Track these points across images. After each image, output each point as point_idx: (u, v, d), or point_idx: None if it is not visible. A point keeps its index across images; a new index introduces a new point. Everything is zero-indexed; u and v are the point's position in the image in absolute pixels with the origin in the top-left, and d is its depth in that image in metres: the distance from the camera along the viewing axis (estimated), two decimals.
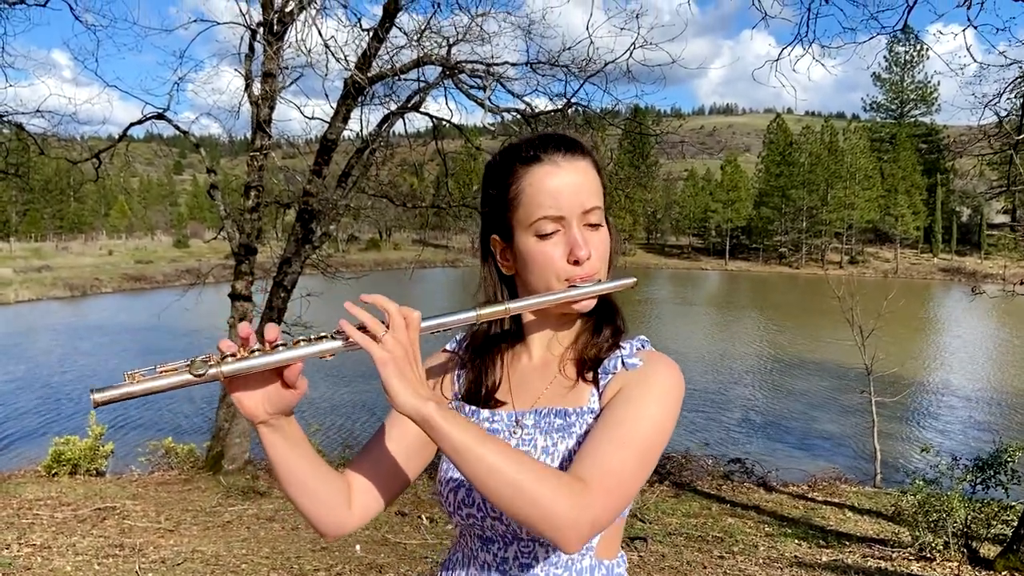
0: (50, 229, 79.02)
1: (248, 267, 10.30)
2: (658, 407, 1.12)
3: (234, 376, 1.01)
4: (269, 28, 9.66)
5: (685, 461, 11.02)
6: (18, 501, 7.24)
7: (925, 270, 70.57)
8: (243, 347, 1.02)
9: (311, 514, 1.17)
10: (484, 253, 1.28)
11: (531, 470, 0.99)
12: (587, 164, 1.20)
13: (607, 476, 1.03)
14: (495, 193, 1.22)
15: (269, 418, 1.07)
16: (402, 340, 1.02)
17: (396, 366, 1.00)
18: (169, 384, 0.97)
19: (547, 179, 1.16)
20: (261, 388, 1.06)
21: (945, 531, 6.37)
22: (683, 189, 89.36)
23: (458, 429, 0.99)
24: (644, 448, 1.08)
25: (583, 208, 1.17)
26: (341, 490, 1.19)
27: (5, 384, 19.52)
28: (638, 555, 6.10)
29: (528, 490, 0.97)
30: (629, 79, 9.83)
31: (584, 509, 0.99)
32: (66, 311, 37.87)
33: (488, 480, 0.98)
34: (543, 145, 1.19)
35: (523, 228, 1.18)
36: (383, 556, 5.72)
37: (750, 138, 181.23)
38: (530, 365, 1.28)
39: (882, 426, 12.16)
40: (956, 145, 76.40)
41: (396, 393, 1.00)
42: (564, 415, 1.19)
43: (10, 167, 11.92)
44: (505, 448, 1.01)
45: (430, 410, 0.99)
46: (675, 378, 1.16)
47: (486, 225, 1.26)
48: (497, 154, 1.26)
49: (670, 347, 26.43)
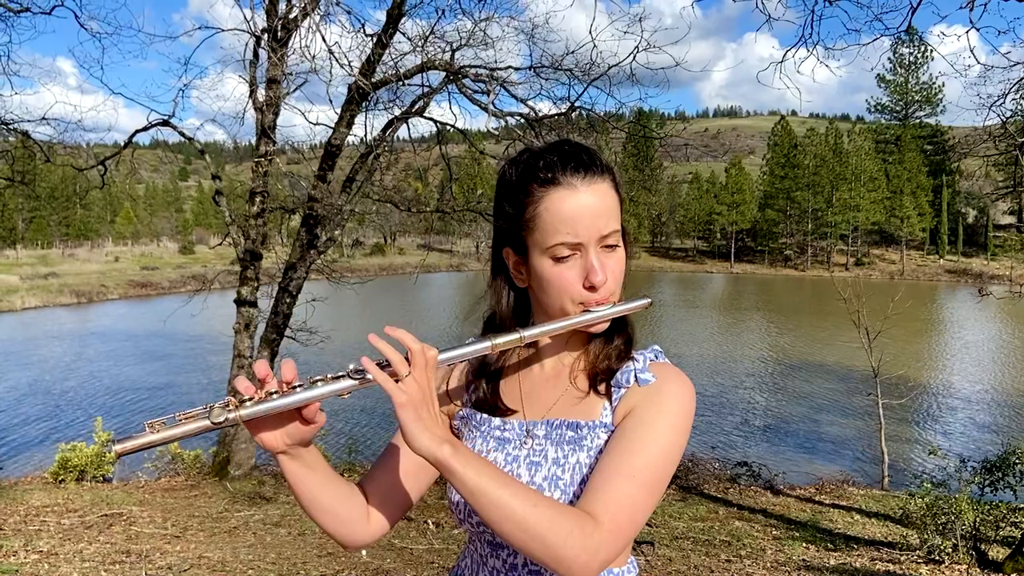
0: (56, 236, 79.26)
1: (253, 273, 10.32)
2: (670, 433, 1.12)
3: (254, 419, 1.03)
4: (273, 34, 9.69)
5: (692, 465, 11.00)
6: (25, 508, 7.25)
7: (931, 272, 70.34)
8: (261, 388, 1.03)
9: (333, 532, 1.19)
10: (496, 265, 1.26)
11: (545, 515, 1.00)
12: (606, 185, 1.17)
13: (619, 513, 1.04)
14: (511, 211, 1.19)
15: (288, 449, 1.09)
16: (420, 381, 1.03)
17: (414, 409, 1.01)
18: (188, 432, 0.99)
19: (564, 204, 1.14)
20: (281, 425, 1.07)
21: (953, 534, 6.34)
22: (687, 192, 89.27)
23: (473, 472, 1.00)
24: (656, 479, 1.09)
25: (600, 233, 1.15)
26: (359, 505, 1.21)
27: (12, 391, 19.57)
28: (645, 559, 6.08)
29: (541, 535, 0.99)
30: (632, 82, 9.84)
31: (595, 553, 1.00)
32: (72, 318, 37.96)
33: (503, 523, 0.99)
34: (561, 164, 1.15)
35: (539, 250, 1.16)
36: (389, 561, 5.72)
37: (754, 140, 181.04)
38: (542, 374, 1.27)
39: (889, 428, 12.11)
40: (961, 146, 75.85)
41: (413, 436, 1.01)
42: (576, 427, 1.18)
43: (16, 175, 11.97)
44: (519, 490, 1.01)
45: (445, 454, 1.00)
46: (687, 397, 1.16)
47: (499, 238, 1.25)
48: (512, 166, 1.22)
49: (676, 351, 26.39)
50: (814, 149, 76.60)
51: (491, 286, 1.28)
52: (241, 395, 1.01)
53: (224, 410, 0.99)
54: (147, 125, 10.86)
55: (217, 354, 20.69)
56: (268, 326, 10.36)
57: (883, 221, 73.67)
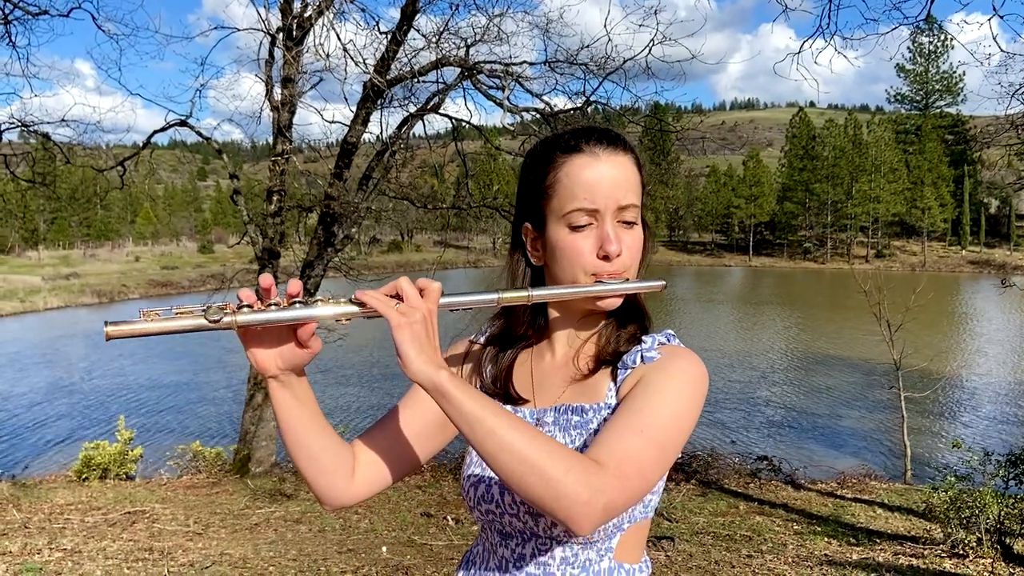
0: (77, 237, 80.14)
1: (271, 271, 10.37)
2: (678, 396, 1.09)
3: (248, 328, 1.02)
4: (288, 33, 9.72)
5: (711, 459, 10.94)
6: (49, 506, 7.34)
7: (953, 263, 69.63)
8: (263, 299, 1.02)
9: (312, 478, 1.16)
10: (515, 241, 1.26)
11: (544, 447, 0.95)
12: (628, 160, 1.17)
13: (623, 461, 0.99)
14: (532, 179, 1.20)
15: (280, 373, 1.08)
16: (418, 306, 1.00)
17: (411, 331, 0.98)
18: (183, 326, 0.96)
19: (585, 170, 1.14)
20: (275, 343, 1.06)
21: (978, 527, 6.26)
22: (705, 185, 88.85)
23: (470, 399, 0.96)
24: (663, 437, 1.04)
25: (618, 204, 1.14)
26: (345, 460, 1.18)
27: (36, 390, 19.81)
28: (665, 555, 6.06)
29: (540, 466, 0.93)
30: (648, 76, 9.78)
31: (598, 491, 0.94)
32: (94, 318, 38.35)
33: (499, 455, 0.94)
34: (586, 136, 1.16)
35: (556, 218, 1.16)
36: (409, 558, 5.73)
37: (772, 133, 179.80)
38: (553, 363, 1.26)
39: (912, 422, 11.99)
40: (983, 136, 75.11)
41: (409, 359, 0.97)
42: (581, 411, 1.17)
43: (37, 176, 12.10)
44: (518, 423, 0.97)
45: (442, 378, 0.97)
46: (696, 369, 1.13)
47: (520, 212, 1.24)
48: (539, 142, 1.24)
49: (696, 345, 26.12)
50: (833, 140, 75.98)
51: (508, 264, 1.27)
52: (241, 300, 1.00)
53: (221, 311, 0.97)
54: (165, 126, 10.94)
55: (236, 352, 20.81)
56: None
57: (904, 212, 72.98)
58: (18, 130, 10.75)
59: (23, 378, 21.76)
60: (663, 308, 37.23)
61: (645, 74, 9.75)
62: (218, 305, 0.97)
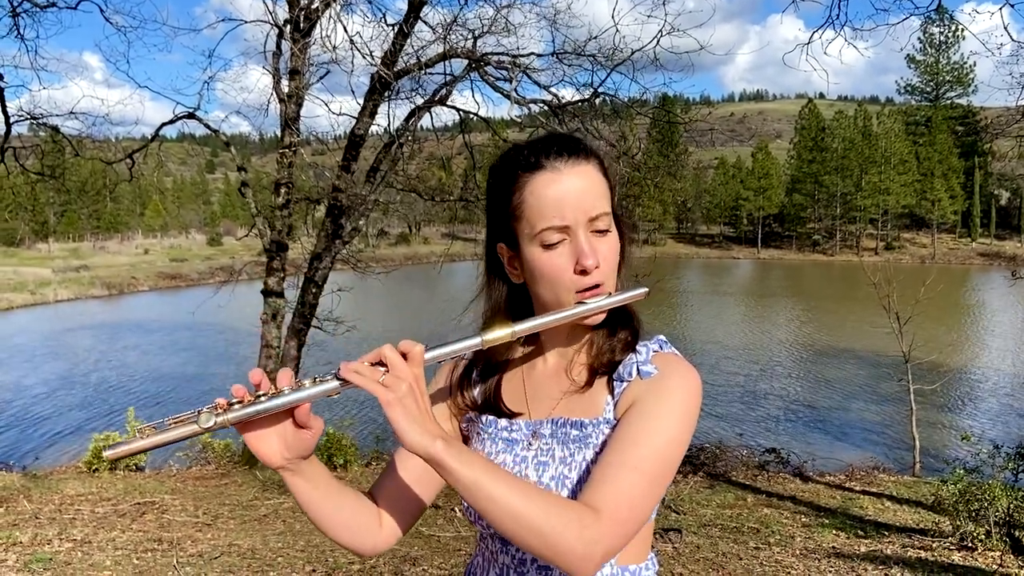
0: (87, 229, 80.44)
1: (280, 263, 10.39)
2: (672, 422, 1.09)
3: (245, 422, 1.02)
4: (295, 25, 9.72)
5: (719, 452, 10.94)
6: (60, 497, 7.38)
7: (963, 255, 69.26)
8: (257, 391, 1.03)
9: (346, 543, 1.19)
10: (490, 261, 1.25)
11: (541, 507, 0.97)
12: (591, 167, 1.15)
13: (620, 505, 1.02)
14: (499, 202, 1.19)
15: (287, 463, 1.07)
16: (405, 376, 1.00)
17: (402, 406, 0.98)
18: (177, 437, 0.99)
19: (549, 187, 1.12)
20: (274, 432, 1.06)
21: (987, 520, 6.24)
22: (713, 177, 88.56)
23: (467, 467, 0.98)
24: (658, 470, 1.06)
25: (588, 215, 1.12)
26: (371, 514, 1.21)
27: (47, 382, 19.94)
28: (672, 547, 6.06)
29: (538, 527, 0.96)
30: (656, 67, 9.74)
31: (595, 543, 0.98)
32: (104, 309, 38.57)
33: (499, 517, 0.97)
34: (545, 150, 1.14)
35: (528, 238, 1.14)
36: (417, 549, 5.75)
37: (781, 124, 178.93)
38: (545, 372, 1.25)
39: (921, 414, 11.95)
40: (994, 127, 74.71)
41: (404, 433, 0.98)
42: (580, 426, 1.16)
43: (46, 169, 12.15)
44: (514, 483, 0.99)
45: (438, 449, 0.97)
46: (691, 388, 1.13)
47: (491, 233, 1.23)
48: (498, 159, 1.21)
49: (703, 338, 26.26)
50: (842, 132, 75.58)
51: (485, 284, 1.26)
52: (233, 397, 1.01)
53: (212, 413, 0.99)
54: (173, 118, 10.97)
55: (245, 344, 20.92)
56: (295, 316, 10.44)
57: (914, 204, 72.60)
58: (28, 123, 10.80)
59: (34, 370, 21.90)
60: (673, 300, 37.17)
61: (653, 65, 9.72)
62: (208, 408, 1.00)
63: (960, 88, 77.09)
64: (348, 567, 5.11)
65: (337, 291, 10.56)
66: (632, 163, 10.54)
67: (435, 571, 5.13)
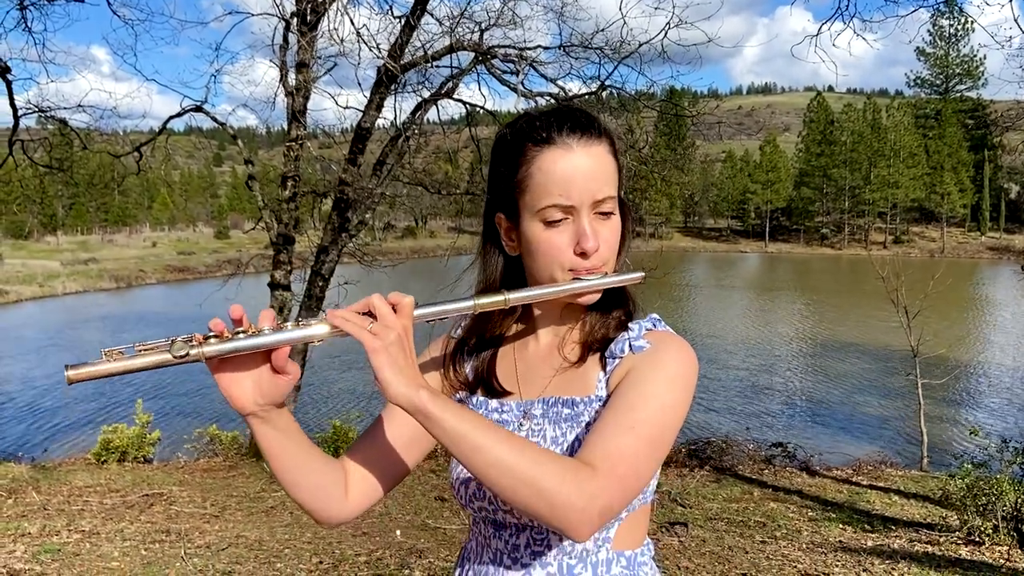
0: (95, 222, 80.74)
1: (286, 256, 10.40)
2: (668, 389, 1.06)
3: (219, 359, 0.97)
4: (302, 18, 9.70)
5: (726, 446, 10.92)
6: (68, 488, 7.43)
7: (972, 249, 68.93)
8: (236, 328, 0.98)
9: (306, 504, 1.14)
10: (487, 231, 1.21)
11: (533, 457, 0.94)
12: (603, 148, 1.12)
13: (617, 462, 0.97)
14: (504, 172, 1.15)
15: (258, 410, 1.03)
16: (393, 325, 0.97)
17: (387, 354, 0.95)
18: (147, 363, 0.93)
19: (558, 164, 1.09)
20: (248, 375, 1.01)
21: (994, 515, 6.23)
22: (721, 171, 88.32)
23: (453, 417, 0.94)
24: (655, 432, 1.03)
25: (594, 198, 1.10)
26: (337, 480, 1.16)
27: (55, 375, 20.03)
28: (678, 540, 6.06)
29: (530, 478, 0.92)
30: (664, 60, 9.69)
31: (593, 497, 0.93)
32: (112, 302, 38.72)
33: (488, 470, 0.93)
34: (558, 124, 1.10)
35: (530, 213, 1.11)
36: (423, 541, 5.76)
37: (789, 117, 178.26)
38: (537, 352, 1.23)
39: (929, 409, 11.91)
40: (1003, 120, 74.39)
41: (388, 383, 0.94)
42: (572, 404, 1.14)
43: (54, 162, 12.18)
44: (504, 435, 0.95)
45: (423, 399, 0.94)
46: (686, 358, 1.10)
47: (491, 202, 1.19)
48: (508, 127, 1.17)
49: (710, 331, 26.20)
50: (851, 125, 75.25)
51: (481, 253, 1.23)
52: (210, 331, 0.96)
53: (187, 344, 0.93)
54: (181, 111, 10.96)
55: None
56: (302, 309, 10.46)
57: (923, 198, 72.28)
58: (36, 116, 10.83)
59: (42, 362, 22.03)
60: (679, 294, 37.12)
61: (661, 58, 9.67)
62: (183, 338, 0.94)
63: (970, 81, 76.62)
64: (355, 559, 5.13)
65: (344, 284, 10.55)
66: (639, 156, 10.50)
67: (441, 563, 5.14)
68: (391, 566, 5.04)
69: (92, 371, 0.91)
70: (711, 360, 20.70)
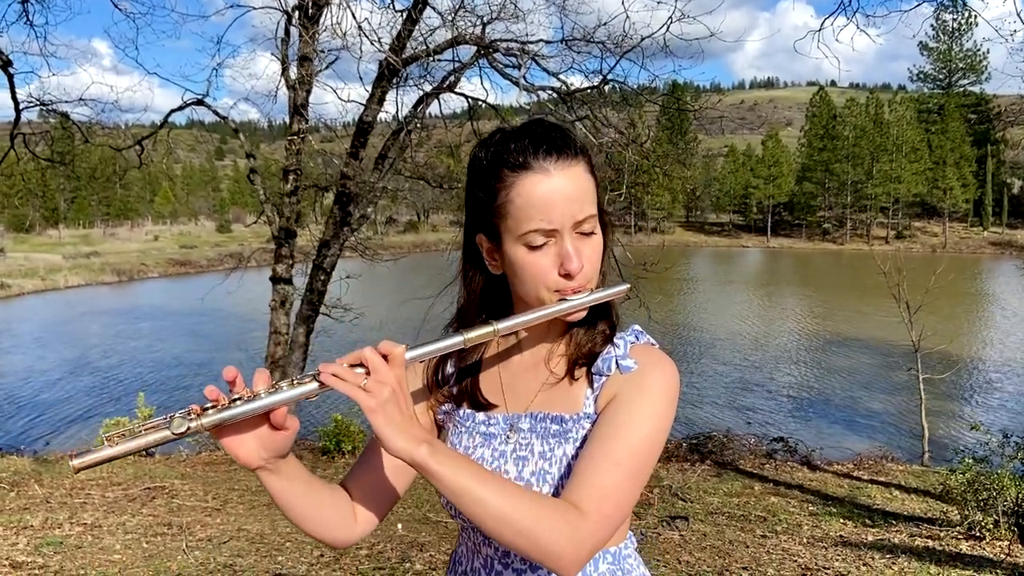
0: (97, 216, 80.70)
1: (288, 250, 10.42)
2: (654, 419, 1.10)
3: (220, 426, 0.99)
4: (304, 12, 9.70)
5: (727, 440, 10.94)
6: (70, 481, 7.44)
7: (975, 244, 68.82)
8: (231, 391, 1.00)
9: (320, 537, 1.17)
10: (468, 251, 1.22)
11: (528, 509, 0.98)
12: (580, 168, 1.12)
13: (603, 503, 1.03)
14: (482, 196, 1.14)
15: (265, 463, 1.05)
16: (386, 380, 0.98)
17: (384, 413, 0.97)
18: (148, 443, 0.97)
19: (537, 190, 1.09)
20: (251, 435, 1.03)
21: (995, 510, 6.23)
22: (723, 165, 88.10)
23: (452, 472, 0.98)
24: (636, 465, 1.07)
25: (575, 219, 1.10)
26: (346, 508, 1.19)
27: (58, 367, 20.07)
28: (679, 534, 6.07)
29: (526, 530, 0.97)
30: (666, 54, 9.68)
31: (583, 543, 1.00)
32: (114, 296, 38.76)
33: (486, 520, 0.98)
34: (533, 147, 1.10)
35: (512, 237, 1.12)
36: (424, 535, 5.78)
37: (792, 112, 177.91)
38: (522, 364, 1.24)
39: (930, 404, 11.91)
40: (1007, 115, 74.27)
41: (387, 440, 0.97)
42: (560, 421, 1.16)
43: (56, 155, 12.18)
44: (501, 487, 0.99)
45: (423, 455, 0.97)
46: (669, 379, 1.13)
47: (471, 223, 1.19)
48: (482, 149, 1.16)
49: (711, 327, 26.21)
50: (854, 120, 75.02)
51: (462, 272, 1.23)
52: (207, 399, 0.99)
53: (185, 419, 0.96)
54: (182, 104, 10.97)
55: (255, 331, 20.98)
56: (303, 303, 10.47)
57: (925, 193, 72.08)
58: (37, 109, 10.84)
59: (44, 355, 22.06)
60: (681, 288, 37.11)
61: (663, 52, 9.66)
62: (181, 413, 0.96)
63: (973, 75, 76.37)
64: (356, 552, 5.14)
65: (345, 278, 10.57)
66: (641, 151, 10.49)
67: (442, 557, 5.15)
68: (392, 559, 5.06)
69: (96, 458, 0.96)
70: (712, 355, 20.70)
